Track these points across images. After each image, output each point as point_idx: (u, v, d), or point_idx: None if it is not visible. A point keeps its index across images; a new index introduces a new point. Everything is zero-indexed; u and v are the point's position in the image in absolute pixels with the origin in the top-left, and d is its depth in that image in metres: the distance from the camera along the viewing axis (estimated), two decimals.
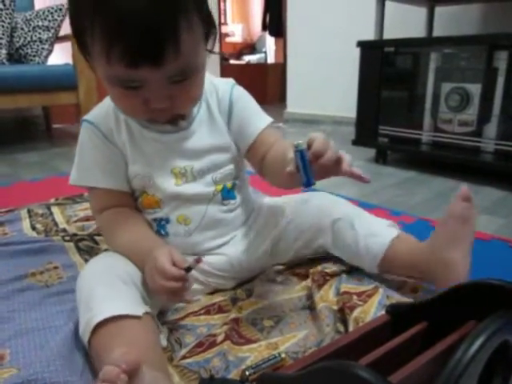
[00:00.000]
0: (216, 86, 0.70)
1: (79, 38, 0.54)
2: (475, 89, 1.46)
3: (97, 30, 0.49)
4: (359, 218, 0.70)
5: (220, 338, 0.56)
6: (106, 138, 0.65)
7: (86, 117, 0.68)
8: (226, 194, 0.69)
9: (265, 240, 0.72)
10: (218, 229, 0.68)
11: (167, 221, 0.66)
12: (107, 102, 0.67)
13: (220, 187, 0.68)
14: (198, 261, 0.54)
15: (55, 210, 1.06)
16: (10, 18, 2.18)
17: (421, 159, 1.77)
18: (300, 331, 0.59)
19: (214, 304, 0.66)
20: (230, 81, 0.72)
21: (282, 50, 3.20)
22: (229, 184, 0.69)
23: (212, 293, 0.70)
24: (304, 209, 0.73)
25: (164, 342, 0.55)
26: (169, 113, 0.59)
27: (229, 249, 0.70)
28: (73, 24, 0.54)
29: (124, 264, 0.59)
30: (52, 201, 1.13)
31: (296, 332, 0.58)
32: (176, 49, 0.50)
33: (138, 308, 0.52)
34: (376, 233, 0.67)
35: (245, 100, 0.71)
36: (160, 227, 0.67)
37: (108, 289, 0.53)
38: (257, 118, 0.70)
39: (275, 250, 0.72)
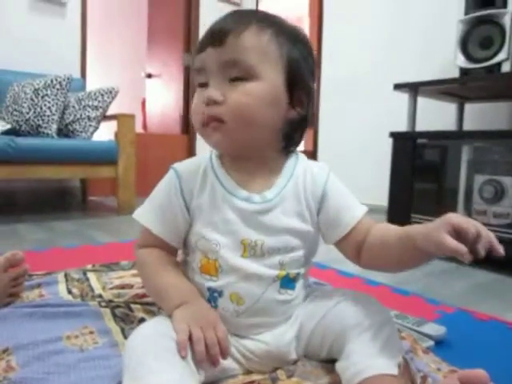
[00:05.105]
0: (311, 169, 0.69)
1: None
2: (510, 181, 1.47)
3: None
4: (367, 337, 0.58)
5: None
6: (182, 195, 0.66)
7: (176, 165, 0.69)
8: (286, 284, 0.65)
9: (306, 335, 0.67)
10: (267, 317, 0.65)
11: (220, 294, 0.64)
12: (201, 161, 0.69)
13: (283, 274, 0.65)
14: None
15: (91, 275, 1.07)
16: (64, 97, 2.37)
17: None
18: None
19: (253, 382, 0.63)
20: (325, 166, 0.71)
21: (312, 138, 3.33)
22: (292, 273, 0.66)
23: (250, 372, 0.66)
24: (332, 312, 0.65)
25: None
26: (215, 117, 0.61)
27: (269, 337, 0.65)
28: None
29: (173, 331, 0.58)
30: (89, 267, 1.15)
31: None
32: (236, 38, 0.60)
33: (188, 382, 0.51)
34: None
35: (340, 189, 0.69)
36: (212, 298, 0.65)
37: (157, 360, 0.51)
38: (352, 208, 0.68)
39: (311, 346, 0.67)
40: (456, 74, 1.85)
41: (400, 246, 0.61)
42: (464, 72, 1.81)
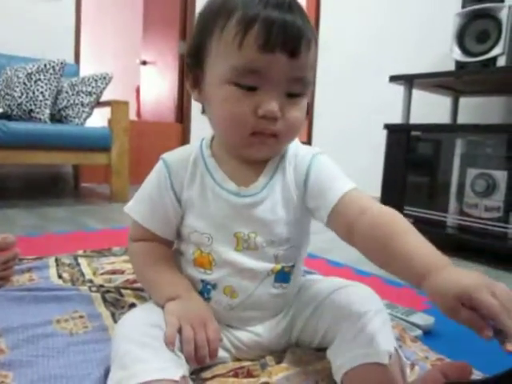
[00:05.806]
0: (298, 152, 0.66)
1: (199, 48, 0.59)
2: (501, 175, 1.48)
3: (233, 20, 0.54)
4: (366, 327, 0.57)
5: None
6: (172, 187, 0.65)
7: (165, 156, 0.67)
8: (281, 277, 0.65)
9: (299, 325, 0.67)
10: (260, 311, 0.65)
11: (214, 287, 0.64)
12: (191, 150, 0.66)
13: (278, 268, 0.64)
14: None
15: (82, 261, 1.06)
16: (57, 82, 2.34)
17: (446, 242, 1.75)
18: None
19: (243, 367, 0.63)
20: (313, 150, 0.66)
21: (307, 129, 3.32)
22: (287, 266, 0.65)
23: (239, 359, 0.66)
24: (329, 301, 0.65)
25: None
26: (271, 133, 0.58)
27: (262, 329, 0.66)
28: (197, 35, 0.60)
29: (163, 321, 0.57)
30: (80, 252, 1.14)
31: None
32: (307, 52, 0.56)
33: (175, 371, 0.50)
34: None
35: (325, 170, 0.64)
36: (205, 290, 0.65)
37: (145, 349, 0.51)
38: (337, 183, 0.62)
39: (302, 335, 0.68)
40: (452, 67, 1.84)
41: (397, 264, 0.52)
42: (460, 65, 1.81)
